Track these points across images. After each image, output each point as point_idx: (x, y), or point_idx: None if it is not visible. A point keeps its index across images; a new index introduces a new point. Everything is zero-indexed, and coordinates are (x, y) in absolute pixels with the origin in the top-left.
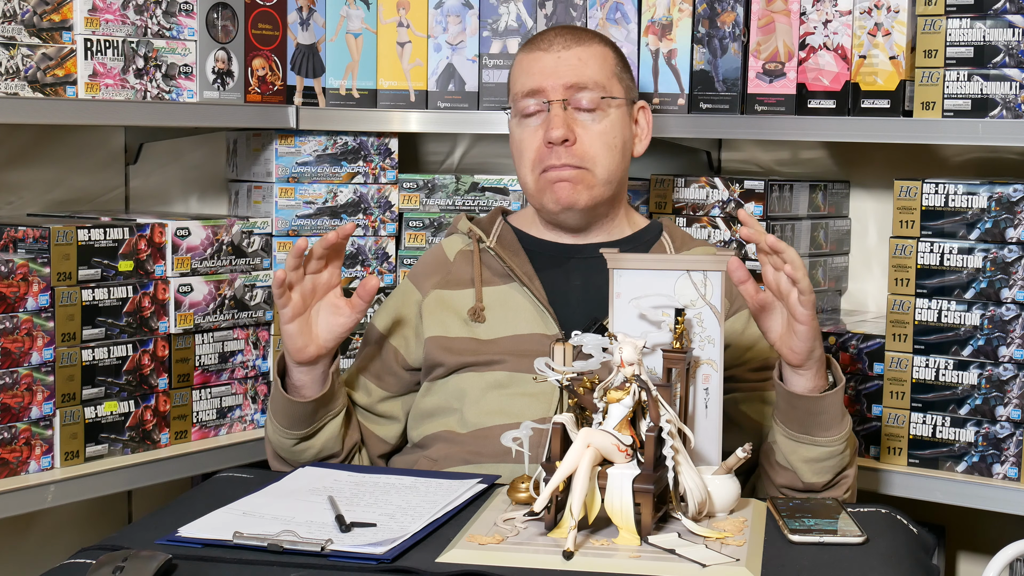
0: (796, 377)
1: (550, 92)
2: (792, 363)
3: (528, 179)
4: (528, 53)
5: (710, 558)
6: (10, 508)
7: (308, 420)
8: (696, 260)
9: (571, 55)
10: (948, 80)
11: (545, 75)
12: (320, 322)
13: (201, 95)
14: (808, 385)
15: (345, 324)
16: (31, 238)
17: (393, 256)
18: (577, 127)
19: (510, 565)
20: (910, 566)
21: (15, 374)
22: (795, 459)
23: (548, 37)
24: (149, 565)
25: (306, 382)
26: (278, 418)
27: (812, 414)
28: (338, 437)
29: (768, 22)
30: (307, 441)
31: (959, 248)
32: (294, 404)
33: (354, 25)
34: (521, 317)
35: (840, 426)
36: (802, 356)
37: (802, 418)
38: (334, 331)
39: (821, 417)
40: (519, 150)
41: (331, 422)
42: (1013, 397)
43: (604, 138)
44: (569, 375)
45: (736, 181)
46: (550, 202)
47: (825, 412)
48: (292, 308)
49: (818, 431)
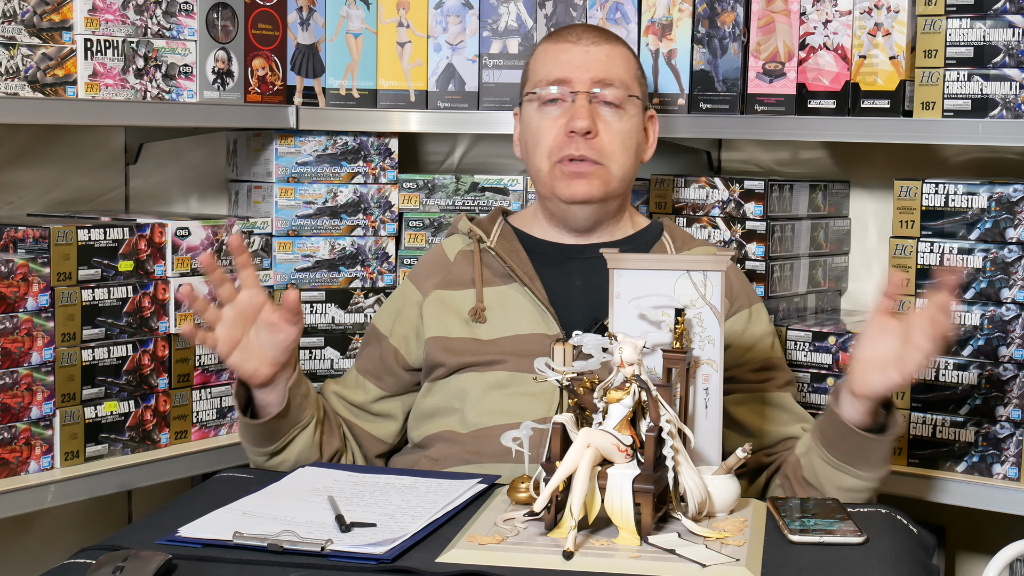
0: (852, 404)
1: (576, 83)
2: (856, 391)
3: (543, 166)
4: (555, 43)
5: (710, 558)
6: (10, 508)
7: (272, 437)
8: (696, 260)
9: (600, 51)
10: (948, 80)
11: (573, 66)
12: (263, 342)
13: (201, 95)
14: (859, 417)
15: (288, 338)
16: (31, 238)
17: (393, 256)
18: (599, 121)
19: (510, 565)
20: (910, 566)
21: (15, 374)
22: (828, 484)
23: (576, 31)
24: (149, 565)
25: (271, 400)
26: (244, 439)
27: (861, 450)
28: (312, 447)
29: (768, 22)
30: (279, 456)
31: (959, 248)
32: (255, 426)
33: (354, 25)
34: (522, 317)
35: (884, 466)
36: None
37: (851, 450)
38: (279, 346)
39: (869, 456)
40: (535, 137)
41: (301, 434)
42: (1013, 397)
43: (623, 136)
44: (569, 375)
45: (736, 181)
46: (563, 192)
47: (879, 451)
48: (224, 344)
49: (863, 466)
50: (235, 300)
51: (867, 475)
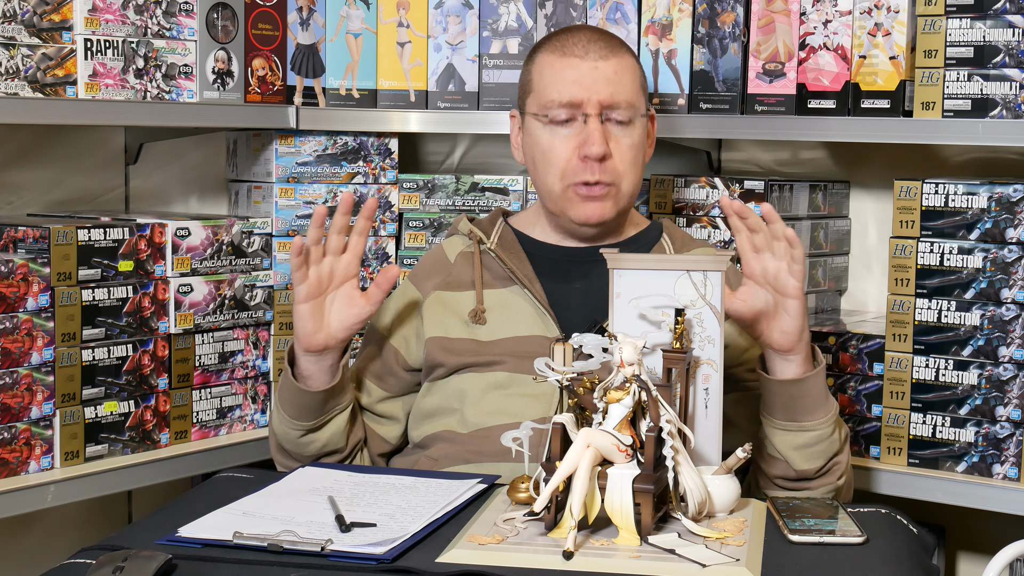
0: (785, 364)
1: (587, 105)
2: (784, 347)
3: (555, 187)
4: (561, 57)
5: (710, 558)
6: (10, 508)
7: (316, 411)
8: (696, 260)
9: (608, 67)
10: (948, 80)
11: (583, 86)
12: (334, 312)
13: (201, 95)
14: (797, 371)
15: (359, 315)
16: (31, 238)
17: (393, 256)
18: (611, 141)
19: (510, 565)
20: (910, 566)
21: (15, 374)
22: (784, 447)
23: (582, 42)
24: (149, 565)
25: (313, 372)
26: (285, 408)
27: (795, 398)
28: (343, 432)
29: (768, 22)
30: (313, 433)
31: (959, 248)
32: (303, 394)
33: (354, 25)
34: (521, 319)
35: (825, 408)
36: (793, 337)
37: (786, 404)
38: (346, 322)
39: (804, 400)
40: (546, 157)
41: (338, 416)
42: (1013, 397)
43: (633, 152)
44: (569, 375)
45: (736, 181)
46: (576, 216)
47: (808, 395)
48: (307, 287)
49: (803, 415)
50: (338, 257)
51: (813, 422)
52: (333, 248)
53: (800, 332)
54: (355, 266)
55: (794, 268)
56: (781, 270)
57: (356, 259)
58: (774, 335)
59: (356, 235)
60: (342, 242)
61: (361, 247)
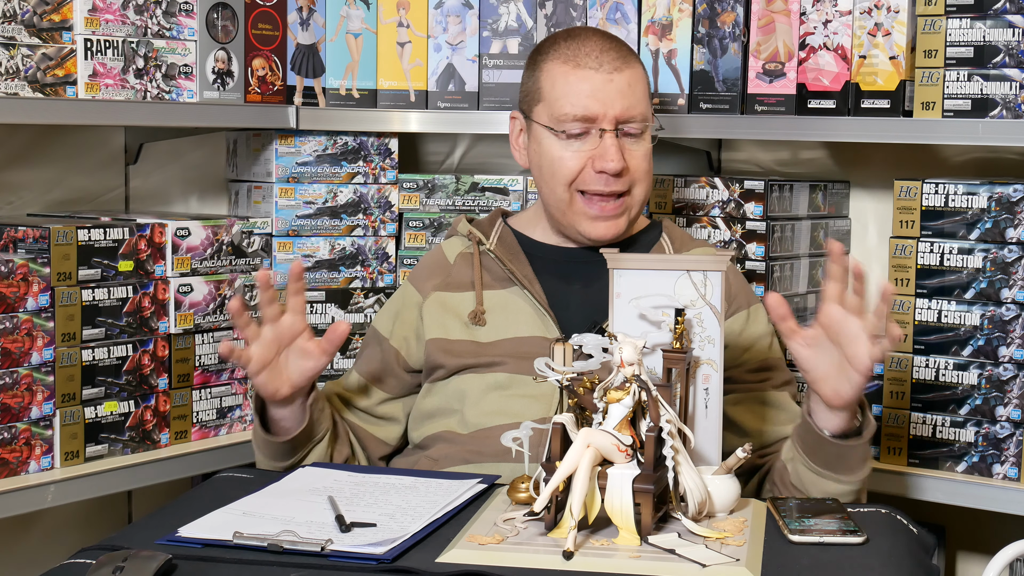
0: (829, 415)
1: (603, 120)
2: (833, 405)
3: (562, 196)
4: (575, 69)
5: (710, 558)
6: (10, 508)
7: (290, 453)
8: (696, 260)
9: (622, 79)
10: (948, 80)
11: (598, 99)
12: (291, 365)
13: (201, 95)
14: (840, 424)
15: (315, 367)
16: (31, 238)
17: (393, 256)
18: (625, 153)
19: (510, 565)
20: (910, 566)
21: (15, 374)
22: (813, 490)
23: (594, 54)
24: (149, 565)
25: (285, 415)
26: (260, 451)
27: (841, 457)
28: (325, 457)
29: (768, 22)
30: (294, 468)
31: (959, 248)
32: (274, 444)
33: (354, 25)
34: (521, 320)
35: (864, 468)
36: (846, 400)
37: (829, 458)
38: (305, 373)
39: (850, 460)
40: (555, 168)
41: (315, 448)
42: (1013, 397)
43: (646, 161)
44: (569, 375)
45: (736, 181)
46: (587, 232)
47: (854, 455)
48: (256, 363)
49: (843, 471)
50: (278, 322)
51: (848, 479)
52: (270, 318)
53: (855, 399)
54: (300, 322)
55: (875, 352)
56: (861, 340)
57: (299, 316)
58: (826, 391)
59: (291, 297)
60: (276, 309)
61: (301, 304)
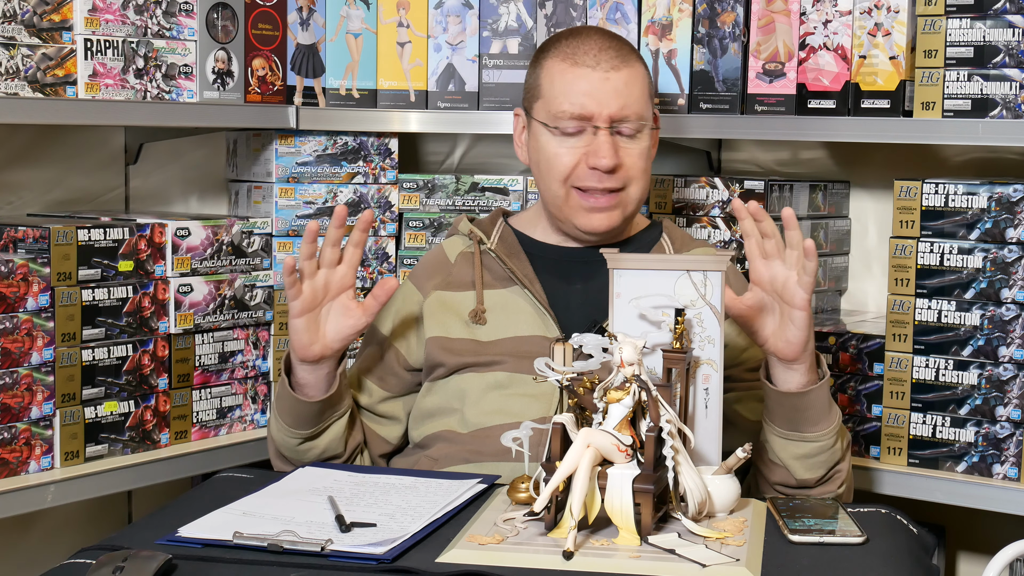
0: (789, 373)
1: (598, 118)
2: (788, 357)
3: (558, 192)
4: (573, 67)
5: (710, 558)
6: (10, 508)
7: (314, 420)
8: (696, 260)
9: (619, 78)
10: (948, 80)
11: (594, 98)
12: (329, 322)
13: (201, 95)
14: (801, 380)
15: (355, 326)
16: (31, 238)
17: (393, 256)
18: (619, 151)
19: (510, 565)
20: (910, 566)
21: (15, 374)
22: (786, 456)
23: (593, 52)
24: (149, 565)
25: (310, 381)
26: (283, 417)
27: (799, 410)
28: (342, 438)
29: (768, 22)
30: (311, 441)
31: (959, 248)
32: (301, 403)
33: (354, 25)
34: (522, 320)
35: (828, 420)
36: (798, 347)
37: (789, 415)
38: (341, 332)
39: (808, 413)
40: (551, 164)
41: (336, 423)
42: (1013, 397)
43: (642, 161)
44: (569, 375)
45: (736, 181)
46: (582, 225)
47: (812, 407)
48: (302, 302)
49: (806, 427)
50: (333, 269)
51: (815, 433)
52: (328, 261)
53: (805, 343)
54: (351, 277)
55: (804, 279)
56: (790, 279)
57: (352, 270)
58: (778, 344)
59: (352, 247)
60: (337, 254)
61: (357, 258)
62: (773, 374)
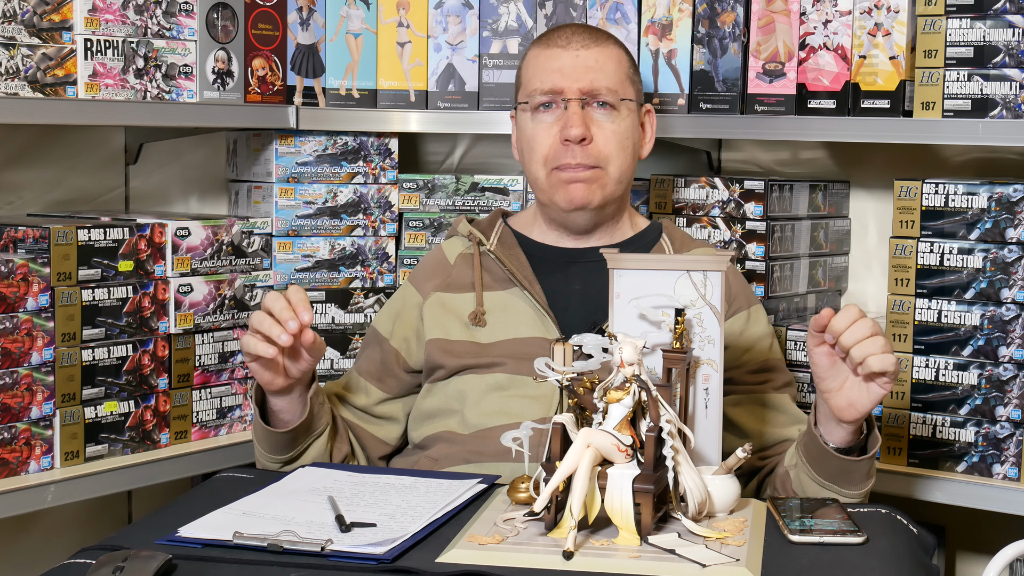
0: (836, 429)
1: (567, 91)
2: (843, 418)
3: (539, 174)
4: (545, 49)
5: (710, 558)
6: (10, 508)
7: (289, 446)
8: (696, 260)
9: (589, 55)
10: (948, 80)
11: (564, 74)
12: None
13: (201, 95)
14: (846, 437)
15: (307, 368)
16: (31, 238)
17: (393, 256)
18: (593, 126)
19: (510, 565)
20: (910, 566)
21: (15, 374)
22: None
23: (565, 35)
24: (149, 565)
25: (284, 407)
26: (260, 444)
27: (845, 471)
28: (324, 453)
29: (768, 22)
30: (294, 462)
31: (959, 248)
32: (272, 434)
33: (354, 25)
34: (521, 321)
35: (867, 481)
36: (857, 414)
37: (833, 471)
38: (300, 367)
39: (853, 476)
40: (530, 145)
41: (315, 443)
42: (1013, 397)
43: (618, 137)
44: (569, 375)
45: (736, 181)
46: (562, 200)
47: (859, 471)
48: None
49: (846, 484)
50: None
51: (851, 492)
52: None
53: (867, 413)
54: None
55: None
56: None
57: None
58: (840, 402)
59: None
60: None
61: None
62: (820, 419)
